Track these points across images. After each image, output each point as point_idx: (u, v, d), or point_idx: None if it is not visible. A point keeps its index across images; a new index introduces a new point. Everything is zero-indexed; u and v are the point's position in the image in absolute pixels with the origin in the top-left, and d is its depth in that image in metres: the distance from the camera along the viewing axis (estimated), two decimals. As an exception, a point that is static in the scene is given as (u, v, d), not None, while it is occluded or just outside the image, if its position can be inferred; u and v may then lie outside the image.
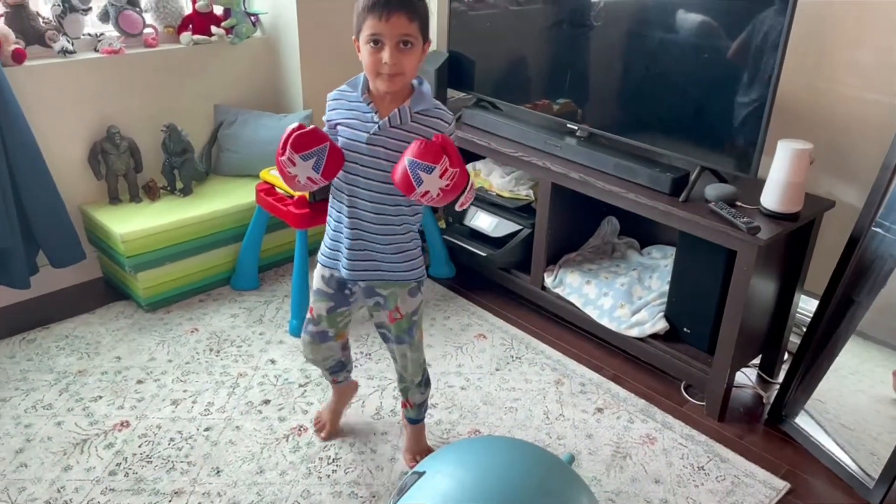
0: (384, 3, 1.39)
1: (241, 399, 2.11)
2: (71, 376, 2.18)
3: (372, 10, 1.40)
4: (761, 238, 1.83)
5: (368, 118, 1.51)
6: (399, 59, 1.42)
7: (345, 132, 1.53)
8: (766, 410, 2.15)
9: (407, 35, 1.42)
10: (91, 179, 2.61)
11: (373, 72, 1.46)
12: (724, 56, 1.94)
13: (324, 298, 1.73)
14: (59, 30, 2.48)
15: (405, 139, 1.48)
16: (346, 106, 1.54)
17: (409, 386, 1.83)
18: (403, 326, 1.72)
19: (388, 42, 1.41)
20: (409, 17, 1.41)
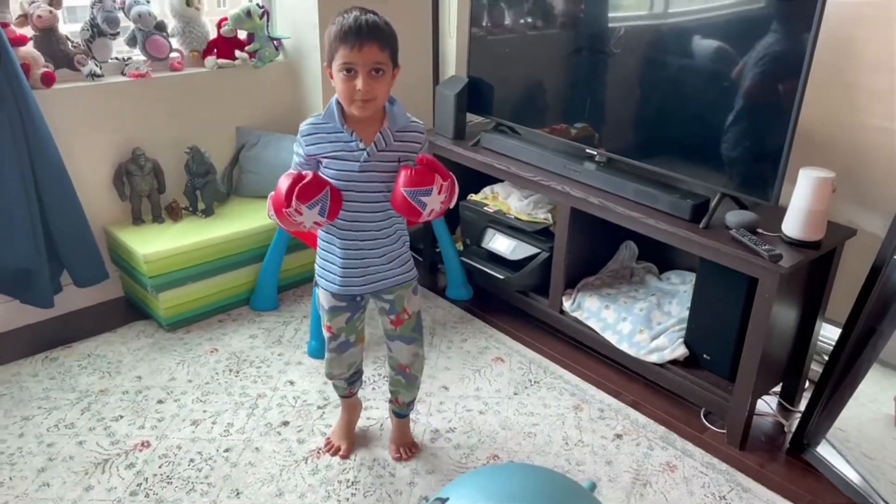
0: (356, 33, 1.47)
1: (260, 420, 2.12)
2: (93, 395, 2.20)
3: (344, 40, 1.48)
4: (783, 266, 1.83)
5: (354, 147, 1.58)
6: (371, 86, 1.50)
7: (333, 164, 1.60)
8: (788, 439, 2.13)
9: (378, 63, 1.50)
10: (115, 200, 2.65)
11: (347, 99, 1.53)
12: (744, 83, 1.95)
13: (339, 312, 1.79)
14: (88, 54, 2.53)
15: (392, 159, 1.60)
16: (326, 139, 1.59)
17: (403, 387, 1.91)
18: (412, 324, 1.81)
19: (361, 70, 1.49)
20: (380, 46, 1.49)
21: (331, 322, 1.80)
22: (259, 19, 2.80)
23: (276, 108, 3.03)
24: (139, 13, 2.60)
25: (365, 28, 1.48)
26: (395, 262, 1.73)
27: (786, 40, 1.85)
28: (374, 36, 1.49)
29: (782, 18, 1.87)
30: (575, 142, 2.45)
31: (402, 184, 1.55)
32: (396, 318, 1.79)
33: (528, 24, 2.57)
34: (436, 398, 2.25)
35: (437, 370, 2.38)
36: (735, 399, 2.05)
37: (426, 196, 1.54)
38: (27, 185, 2.24)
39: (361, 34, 1.47)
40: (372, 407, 2.18)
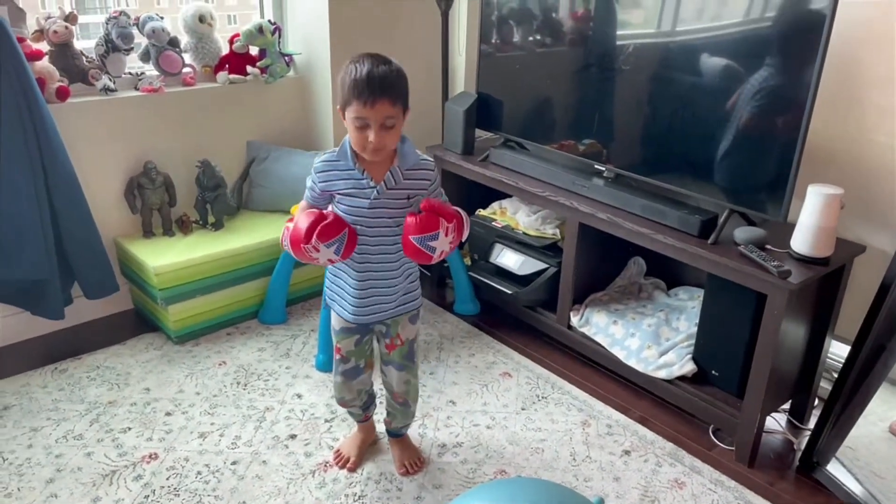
0: (369, 91, 1.51)
1: (267, 433, 2.12)
2: (101, 407, 2.21)
3: (358, 96, 1.52)
4: (792, 282, 1.83)
5: (365, 185, 1.64)
6: (382, 138, 1.55)
7: (345, 200, 1.66)
8: (797, 457, 2.12)
9: (390, 117, 1.54)
10: (126, 213, 2.67)
11: (359, 147, 1.58)
12: (752, 100, 1.96)
13: (349, 334, 1.82)
14: (102, 68, 2.56)
15: (402, 196, 1.66)
16: (338, 176, 1.65)
17: (398, 412, 1.95)
18: (404, 351, 1.84)
19: (374, 124, 1.53)
20: (392, 101, 1.53)
21: (341, 343, 1.84)
22: (271, 35, 2.83)
23: (286, 123, 3.06)
24: (153, 29, 2.64)
25: (377, 85, 1.51)
26: (400, 296, 1.78)
27: (794, 58, 1.86)
28: (386, 92, 1.52)
29: (790, 36, 1.88)
30: (583, 157, 2.46)
31: (409, 232, 1.60)
32: (390, 343, 1.84)
33: (536, 41, 2.59)
34: (443, 413, 2.25)
35: (444, 385, 2.38)
36: (744, 416, 2.04)
37: (433, 241, 1.60)
38: (40, 197, 2.26)
39: (374, 92, 1.51)
40: (381, 421, 2.17)
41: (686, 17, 2.14)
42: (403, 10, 3.03)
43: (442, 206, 1.64)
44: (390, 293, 1.76)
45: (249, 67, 2.85)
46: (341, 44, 2.88)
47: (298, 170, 2.88)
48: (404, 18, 3.04)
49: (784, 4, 1.90)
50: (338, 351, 1.85)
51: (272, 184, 2.91)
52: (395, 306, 1.78)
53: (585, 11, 2.41)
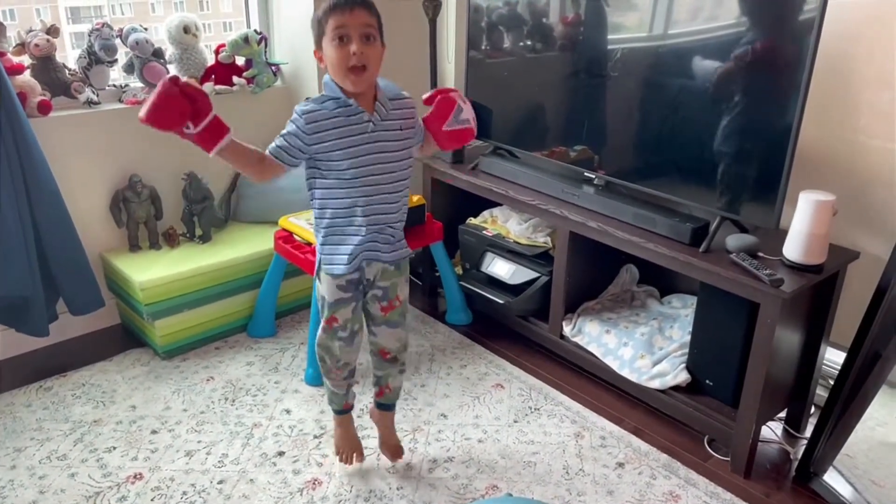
0: (345, 1, 1.55)
1: (255, 450, 2.09)
2: (86, 426, 2.17)
3: (335, 8, 1.55)
4: (785, 290, 1.80)
5: (358, 119, 1.62)
6: (365, 51, 1.56)
7: (339, 144, 1.62)
8: (794, 467, 2.09)
9: (369, 26, 1.57)
10: (112, 227, 2.64)
11: (342, 68, 1.57)
12: (742, 105, 1.94)
13: (345, 304, 1.80)
14: (85, 81, 2.53)
15: (395, 127, 1.68)
16: (327, 116, 1.61)
17: (392, 371, 1.94)
18: (400, 310, 1.86)
19: (354, 34, 1.55)
20: (369, 12, 1.58)
21: (337, 314, 1.81)
22: (257, 45, 2.80)
23: (274, 134, 2.96)
24: (136, 40, 2.61)
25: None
26: (400, 233, 1.79)
27: (784, 61, 1.83)
28: (363, 2, 1.57)
29: (780, 39, 1.86)
30: (573, 165, 2.43)
31: (439, 126, 1.70)
32: (388, 305, 1.83)
33: (525, 47, 2.56)
34: (434, 426, 2.21)
35: (435, 397, 2.35)
36: (739, 426, 2.01)
37: (461, 114, 1.70)
38: (22, 213, 2.23)
39: (352, 1, 1.55)
40: (370, 436, 2.13)
41: (675, 21, 2.12)
42: (390, 18, 2.96)
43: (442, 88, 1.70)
44: (397, 228, 1.76)
45: (236, 78, 2.82)
46: (328, 53, 2.85)
47: (286, 180, 2.83)
48: (391, 26, 2.98)
49: (773, 8, 1.87)
50: (334, 321, 1.81)
51: (260, 195, 2.87)
52: (401, 246, 1.78)
53: (575, 17, 2.38)
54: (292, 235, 2.51)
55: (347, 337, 1.84)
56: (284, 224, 2.54)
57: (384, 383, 1.97)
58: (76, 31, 2.80)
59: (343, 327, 1.83)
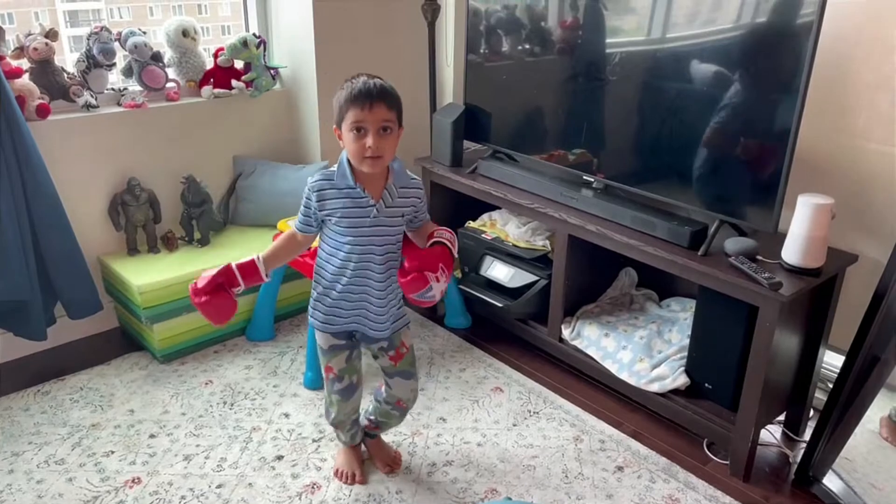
0: (366, 95, 1.57)
1: (253, 455, 2.08)
2: (84, 430, 2.17)
3: (355, 102, 1.57)
4: (784, 294, 1.80)
5: (364, 203, 1.67)
6: (380, 144, 1.59)
7: (342, 221, 1.68)
8: (793, 470, 2.09)
9: (387, 122, 1.59)
10: (110, 230, 2.64)
11: (358, 156, 1.61)
12: (741, 108, 1.94)
13: (339, 351, 1.83)
14: (84, 85, 2.53)
15: (398, 214, 1.72)
16: (335, 195, 1.67)
17: (395, 419, 1.97)
18: (410, 359, 1.87)
19: (371, 129, 1.58)
20: (388, 106, 1.59)
21: (332, 363, 1.84)
22: (256, 49, 2.80)
23: (272, 137, 3.02)
24: (135, 44, 2.61)
25: (374, 90, 1.58)
26: (391, 314, 1.79)
27: (782, 63, 1.84)
28: (383, 97, 1.58)
29: (778, 42, 1.86)
30: (572, 168, 2.43)
31: (405, 291, 1.66)
32: (396, 354, 1.84)
33: (524, 50, 2.57)
34: (433, 430, 2.21)
35: (434, 401, 2.34)
36: (738, 429, 2.01)
37: (430, 292, 1.64)
38: (20, 216, 2.23)
39: (371, 96, 1.57)
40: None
41: (673, 24, 2.12)
42: (389, 21, 3.00)
43: (428, 258, 1.64)
44: (384, 311, 1.77)
45: (234, 81, 2.82)
46: (327, 56, 2.86)
47: (285, 184, 2.85)
48: (390, 29, 3.02)
49: (771, 11, 1.87)
50: (329, 370, 1.86)
51: (259, 198, 2.87)
52: (388, 326, 1.79)
53: (574, 20, 2.38)
54: (291, 239, 2.51)
55: (344, 389, 1.86)
56: (283, 228, 2.54)
57: (383, 425, 2.01)
58: (74, 34, 2.80)
59: (339, 379, 1.85)
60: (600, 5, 2.28)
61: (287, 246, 1.78)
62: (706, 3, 2.03)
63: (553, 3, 2.44)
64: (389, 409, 1.93)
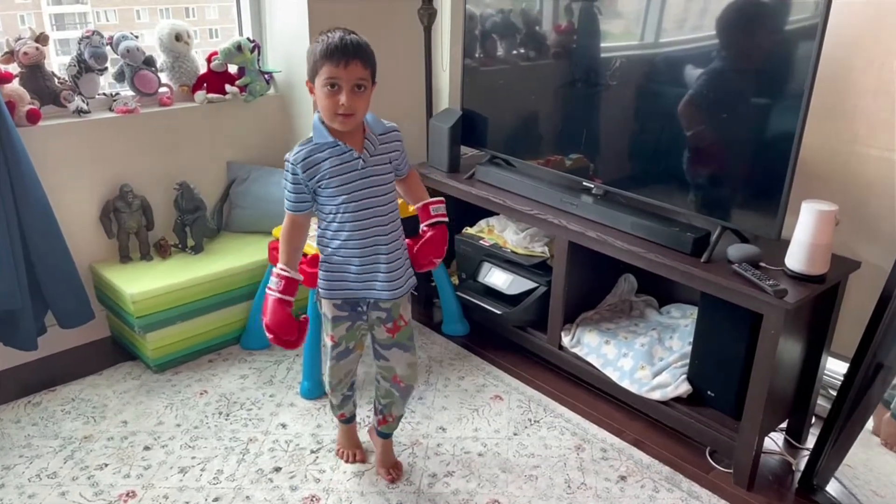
0: (342, 51, 1.55)
1: (251, 466, 2.04)
2: (76, 442, 2.12)
3: (329, 57, 1.55)
4: (789, 301, 1.78)
5: (349, 157, 1.66)
6: (354, 101, 1.58)
7: (332, 182, 1.66)
8: (796, 478, 2.07)
9: (361, 79, 1.58)
10: (102, 238, 2.59)
11: (330, 112, 1.60)
12: (744, 113, 1.93)
13: (342, 322, 1.82)
14: (75, 90, 2.49)
15: (384, 161, 1.71)
16: (319, 159, 1.65)
17: (398, 400, 1.92)
18: (407, 333, 1.86)
19: (345, 86, 1.56)
20: (363, 63, 1.58)
21: (333, 331, 1.84)
22: (250, 53, 2.77)
23: (267, 143, 2.99)
24: (127, 48, 2.57)
25: (350, 47, 1.56)
26: (401, 267, 1.78)
27: (786, 69, 1.82)
28: (359, 54, 1.57)
29: (782, 47, 1.85)
30: (571, 174, 2.41)
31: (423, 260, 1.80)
32: (393, 326, 1.83)
33: (521, 55, 2.55)
34: (433, 440, 2.18)
35: (433, 410, 2.31)
36: (741, 438, 1.99)
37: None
38: (10, 223, 2.18)
39: (347, 53, 1.55)
40: (367, 450, 2.10)
41: (672, 28, 2.11)
42: (385, 26, 2.97)
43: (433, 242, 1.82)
44: (396, 265, 1.75)
45: (228, 86, 2.78)
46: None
47: (279, 190, 2.78)
48: (386, 34, 2.98)
49: (775, 15, 1.86)
50: (331, 339, 1.85)
51: (253, 205, 2.83)
52: (402, 283, 1.77)
53: (570, 24, 2.37)
54: (287, 246, 2.47)
55: (341, 352, 1.87)
56: (278, 234, 2.50)
57: (388, 412, 1.96)
58: (61, 37, 2.75)
59: (337, 344, 1.85)
60: (595, 11, 2.26)
61: (294, 236, 1.74)
62: (708, 8, 2.01)
63: (549, 8, 2.42)
64: (388, 386, 1.91)
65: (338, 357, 1.87)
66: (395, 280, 1.75)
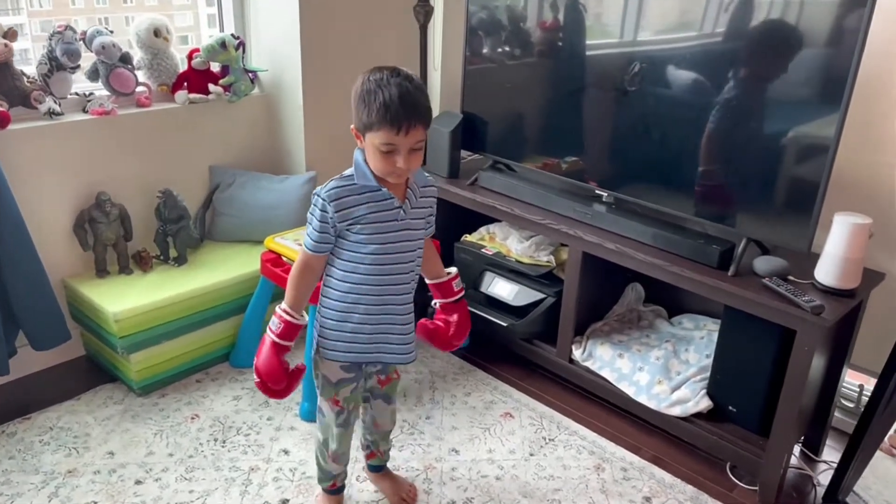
0: (405, 117, 1.38)
1: (255, 499, 1.90)
2: (60, 477, 1.94)
3: (391, 123, 1.38)
4: (827, 318, 1.73)
5: (389, 205, 1.52)
6: (411, 163, 1.44)
7: (368, 227, 1.51)
8: (818, 493, 2.04)
9: (420, 142, 1.44)
10: (76, 250, 2.39)
11: (383, 172, 1.47)
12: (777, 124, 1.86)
13: (348, 384, 1.69)
14: (46, 90, 2.28)
15: (420, 216, 1.59)
16: (357, 201, 1.50)
17: (381, 438, 1.88)
18: (395, 386, 1.81)
19: (403, 150, 1.42)
20: (425, 125, 1.43)
21: (339, 395, 1.69)
22: (234, 51, 2.59)
23: (252, 146, 2.82)
24: (102, 44, 2.37)
25: (412, 109, 1.39)
26: (412, 326, 1.67)
27: (825, 75, 1.77)
28: (421, 117, 1.41)
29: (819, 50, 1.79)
30: (581, 182, 2.32)
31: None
32: (387, 378, 1.78)
33: (529, 56, 2.44)
34: (447, 464, 2.07)
35: (443, 430, 2.20)
36: (770, 455, 1.94)
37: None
38: (-21, 239, 1.98)
39: (410, 118, 1.39)
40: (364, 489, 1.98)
41: (696, 32, 2.02)
42: (379, 23, 2.83)
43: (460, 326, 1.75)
44: (405, 328, 1.64)
45: (211, 86, 2.60)
46: (313, 59, 2.67)
47: (269, 196, 2.66)
48: (380, 31, 2.84)
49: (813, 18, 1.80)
50: (335, 404, 1.69)
51: (238, 212, 2.67)
52: (408, 349, 1.65)
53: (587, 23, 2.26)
54: (280, 258, 2.32)
55: (346, 419, 1.72)
56: (271, 245, 2.35)
57: (375, 448, 1.90)
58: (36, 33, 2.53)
59: (342, 410, 1.71)
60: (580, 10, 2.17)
61: (305, 278, 1.57)
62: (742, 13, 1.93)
63: (555, 6, 2.32)
64: (370, 429, 1.86)
65: (345, 424, 1.72)
66: (408, 343, 1.64)
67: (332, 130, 2.74)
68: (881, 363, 1.94)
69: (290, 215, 2.62)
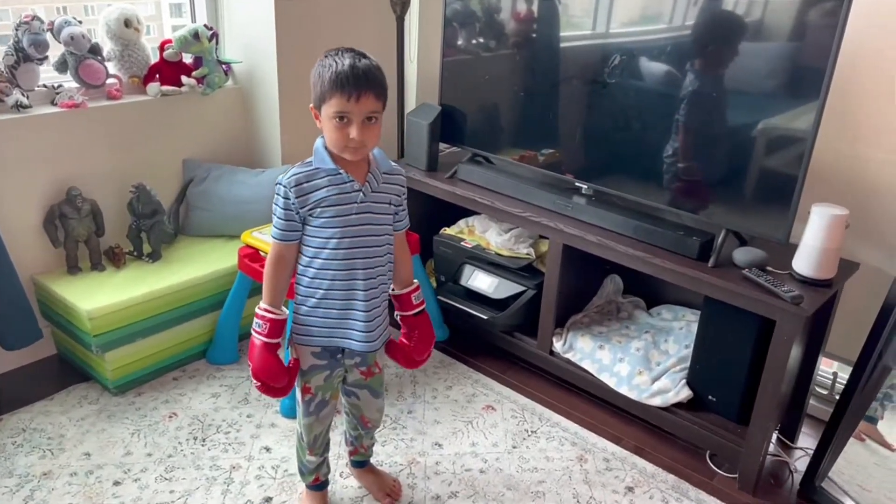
0: (353, 83, 1.41)
1: (238, 498, 1.87)
2: (34, 480, 1.89)
3: (340, 88, 1.41)
4: (805, 308, 1.76)
5: (349, 188, 1.52)
6: (365, 134, 1.45)
7: (327, 211, 1.52)
8: (795, 479, 2.07)
9: (373, 112, 1.45)
10: (46, 246, 2.33)
11: (339, 145, 1.47)
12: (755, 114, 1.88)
13: (319, 371, 1.67)
14: (12, 82, 2.21)
15: (384, 201, 1.58)
16: (316, 185, 1.51)
17: (366, 436, 1.86)
18: (379, 380, 1.77)
19: (356, 119, 1.43)
20: (377, 95, 1.45)
21: (310, 382, 1.67)
22: (207, 42, 2.54)
23: (226, 139, 2.77)
24: (71, 35, 2.30)
25: (363, 77, 1.42)
26: (379, 316, 1.63)
27: (803, 68, 1.79)
28: (371, 86, 1.43)
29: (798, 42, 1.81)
30: (561, 174, 2.33)
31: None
32: (367, 371, 1.73)
33: (508, 47, 2.43)
34: (430, 458, 2.06)
35: (426, 424, 2.20)
36: (749, 444, 1.97)
37: None
38: (-55, 236, 1.92)
39: (359, 84, 1.41)
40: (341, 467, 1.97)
41: (675, 25, 2.04)
42: (356, 15, 2.79)
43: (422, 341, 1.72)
44: (376, 313, 1.60)
45: (184, 77, 2.55)
46: (288, 51, 2.62)
47: (244, 190, 2.61)
48: (357, 23, 2.81)
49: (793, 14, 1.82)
50: (308, 391, 1.68)
51: (213, 206, 2.62)
52: (379, 335, 1.63)
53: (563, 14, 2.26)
54: (258, 252, 2.29)
55: (319, 404, 1.70)
56: (248, 240, 2.31)
57: (358, 444, 1.89)
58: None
59: (314, 395, 1.69)
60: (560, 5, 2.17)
61: (279, 271, 1.57)
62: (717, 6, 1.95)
63: (538, -1, 2.31)
64: (356, 422, 1.82)
65: (316, 410, 1.70)
66: (371, 331, 1.60)
67: (308, 123, 2.62)
68: (855, 351, 1.98)
69: (266, 210, 2.52)
